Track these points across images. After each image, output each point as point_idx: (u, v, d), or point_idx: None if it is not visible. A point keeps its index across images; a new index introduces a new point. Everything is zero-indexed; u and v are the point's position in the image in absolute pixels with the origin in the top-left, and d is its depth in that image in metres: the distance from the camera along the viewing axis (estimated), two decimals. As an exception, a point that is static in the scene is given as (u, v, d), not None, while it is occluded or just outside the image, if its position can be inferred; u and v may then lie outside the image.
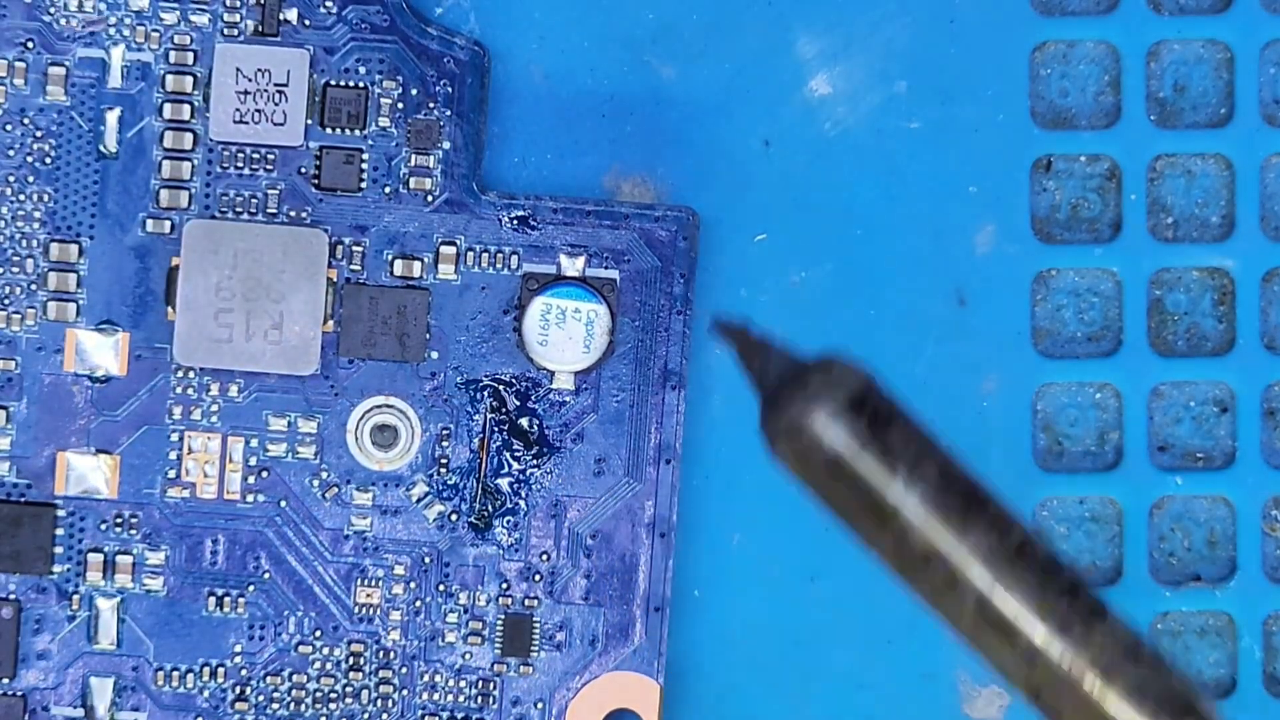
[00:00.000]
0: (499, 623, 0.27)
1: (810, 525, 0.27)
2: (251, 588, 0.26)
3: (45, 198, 0.26)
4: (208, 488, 0.26)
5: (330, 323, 0.27)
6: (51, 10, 0.26)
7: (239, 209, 0.27)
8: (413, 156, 0.27)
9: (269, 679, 0.27)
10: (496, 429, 0.27)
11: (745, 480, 0.28)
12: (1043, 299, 0.29)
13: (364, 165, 0.27)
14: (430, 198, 0.27)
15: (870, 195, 0.28)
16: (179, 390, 0.27)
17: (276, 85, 0.26)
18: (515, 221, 0.27)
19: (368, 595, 0.27)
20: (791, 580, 0.28)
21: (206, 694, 0.26)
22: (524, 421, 0.27)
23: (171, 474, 0.26)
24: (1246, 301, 0.29)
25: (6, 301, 0.26)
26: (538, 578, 0.27)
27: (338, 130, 0.27)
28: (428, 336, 0.27)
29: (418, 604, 0.27)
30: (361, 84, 0.27)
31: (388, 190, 0.27)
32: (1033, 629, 0.20)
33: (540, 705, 0.27)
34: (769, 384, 0.22)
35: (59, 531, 0.26)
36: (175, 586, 0.26)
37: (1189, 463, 0.29)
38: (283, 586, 0.27)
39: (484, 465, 0.27)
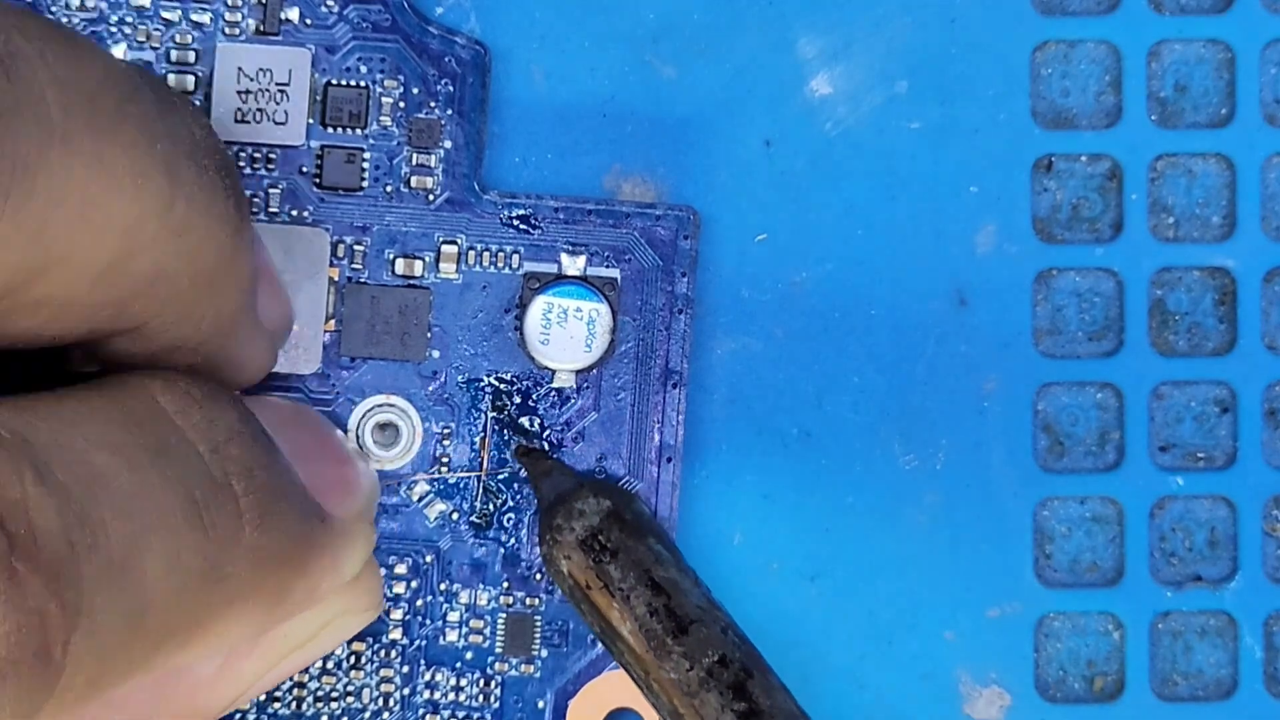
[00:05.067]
0: (500, 621, 0.28)
1: (811, 525, 0.29)
2: (252, 587, 0.28)
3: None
4: (209, 487, 0.27)
5: (332, 322, 0.27)
6: (53, 9, 0.27)
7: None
8: (414, 155, 0.27)
9: (269, 678, 0.26)
10: (498, 428, 0.28)
11: (746, 480, 0.29)
12: (1044, 299, 0.29)
13: (365, 164, 0.27)
14: (431, 197, 0.28)
15: (871, 195, 0.29)
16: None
17: (278, 84, 0.27)
18: (516, 220, 0.28)
19: (369, 594, 0.26)
20: (792, 580, 0.29)
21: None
22: (525, 420, 0.28)
23: (172, 474, 0.27)
24: (1248, 301, 0.29)
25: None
26: (539, 577, 0.28)
27: (339, 129, 0.27)
28: (429, 335, 0.27)
29: (419, 603, 0.28)
30: (363, 83, 0.27)
31: (389, 189, 0.27)
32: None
33: (541, 704, 0.28)
34: (542, 509, 0.25)
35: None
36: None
37: (1190, 463, 0.29)
38: (283, 586, 0.27)
39: (485, 464, 0.28)
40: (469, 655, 0.28)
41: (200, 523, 0.19)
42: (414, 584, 0.28)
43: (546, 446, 0.28)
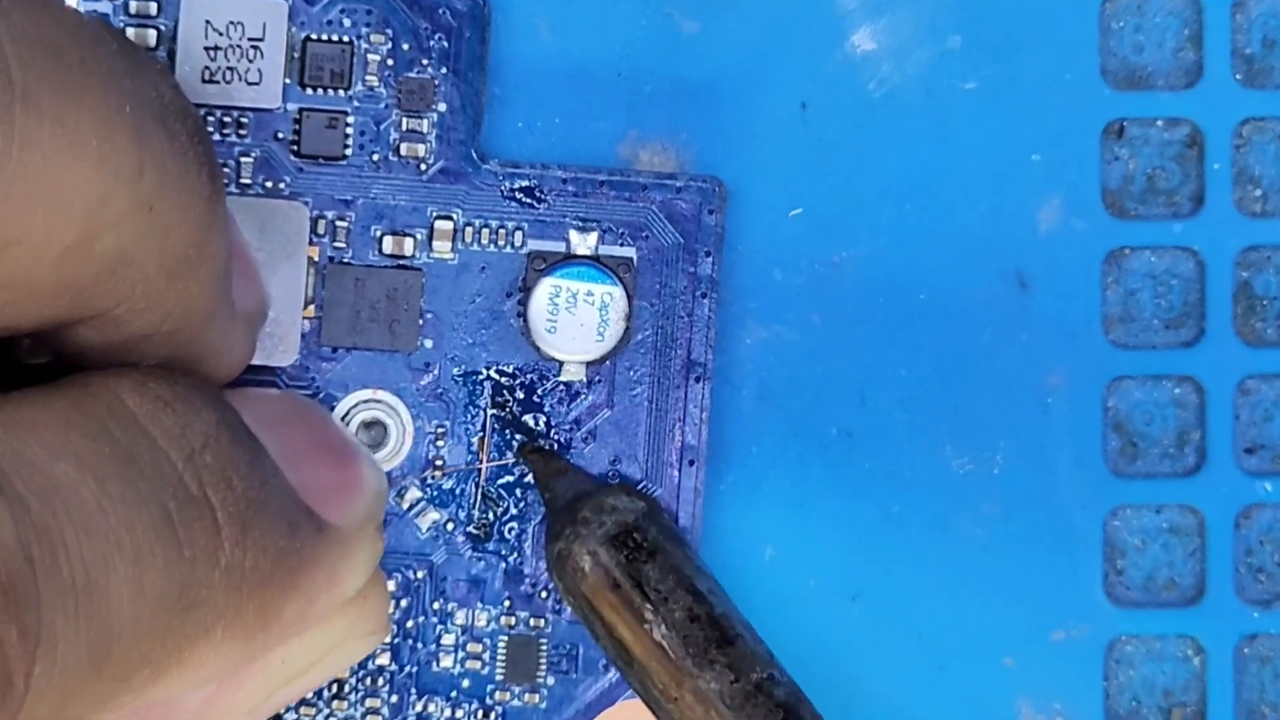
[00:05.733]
0: (501, 645, 0.27)
1: (852, 538, 0.28)
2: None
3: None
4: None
5: (311, 307, 0.26)
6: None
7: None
8: (404, 120, 0.26)
9: (241, 710, 0.25)
10: (498, 427, 0.27)
11: (779, 486, 0.28)
12: (1115, 282, 0.29)
13: (349, 130, 0.26)
14: (424, 166, 0.27)
15: (920, 164, 0.28)
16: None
17: (250, 40, 0.26)
18: (519, 193, 0.27)
19: (353, 614, 0.25)
20: (831, 600, 0.28)
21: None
22: (529, 418, 0.27)
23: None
24: (1345, 284, 0.28)
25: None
26: (545, 595, 0.27)
27: (319, 91, 0.27)
28: (421, 323, 0.27)
29: (410, 624, 0.27)
30: (346, 38, 0.26)
31: (376, 158, 0.26)
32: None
33: (548, 738, 0.27)
34: (555, 508, 0.25)
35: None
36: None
37: None
38: (257, 604, 0.27)
39: (484, 468, 0.27)
40: (466, 683, 0.27)
41: (173, 540, 0.19)
42: (404, 603, 0.27)
43: (554, 447, 0.27)
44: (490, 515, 0.27)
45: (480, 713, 0.27)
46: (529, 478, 0.27)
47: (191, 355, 0.22)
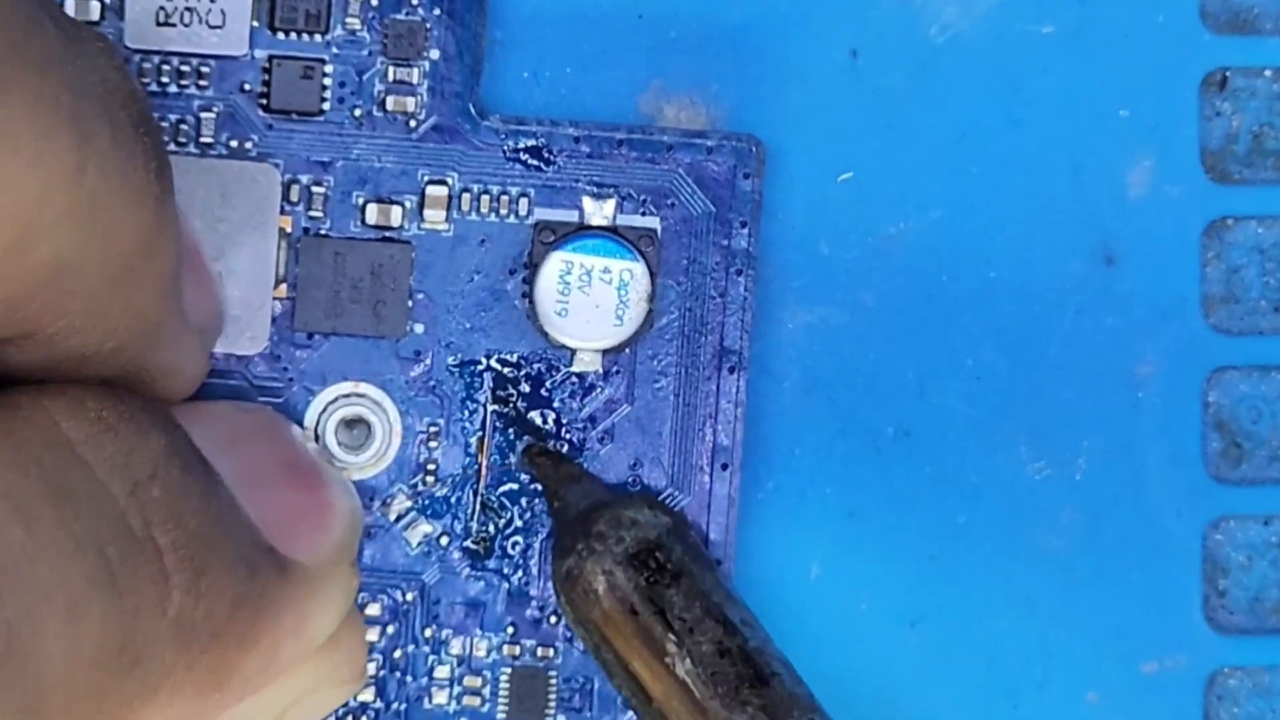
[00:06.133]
0: (504, 678, 0.27)
1: (911, 553, 0.28)
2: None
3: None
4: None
5: (283, 287, 0.26)
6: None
7: (164, 139, 0.25)
8: (390, 70, 0.26)
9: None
10: (501, 426, 0.26)
11: (826, 494, 0.28)
12: (1215, 257, 0.28)
13: (326, 81, 0.26)
14: (414, 123, 0.26)
15: (989, 122, 0.28)
16: (88, 374, 0.26)
17: None
18: (525, 154, 0.26)
19: (333, 643, 0.25)
20: (886, 625, 0.28)
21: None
22: (536, 416, 0.26)
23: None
24: None
25: None
26: (554, 620, 0.27)
27: (292, 35, 0.26)
28: (410, 305, 0.26)
29: (398, 654, 0.27)
30: None
31: (358, 113, 0.26)
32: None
33: (557, 786, 0.27)
34: (565, 520, 0.25)
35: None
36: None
37: None
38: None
39: (484, 473, 0.26)
40: (463, 723, 0.27)
41: (113, 590, 0.19)
42: (391, 630, 0.26)
43: (565, 449, 0.27)
44: (491, 528, 0.26)
45: (480, 757, 0.27)
46: (536, 484, 0.27)
47: (138, 374, 0.22)
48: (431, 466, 0.26)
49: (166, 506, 0.20)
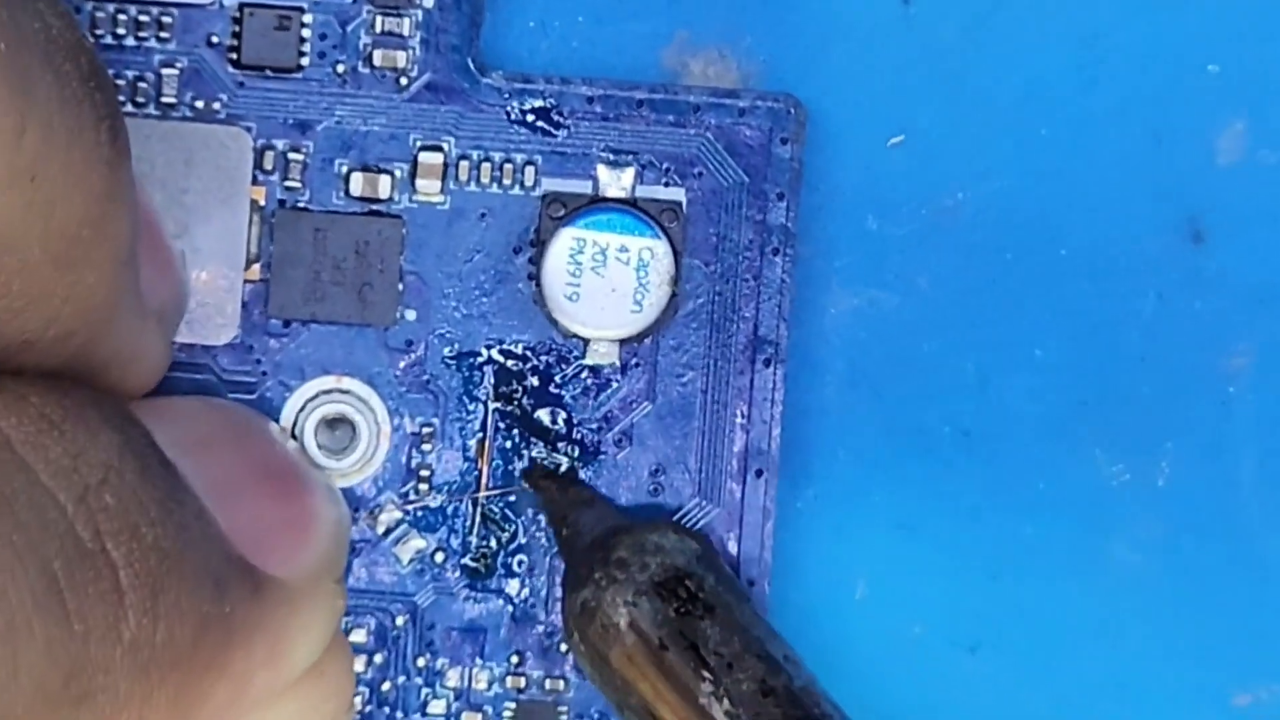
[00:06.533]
0: (507, 713, 0.26)
1: (971, 570, 0.27)
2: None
3: None
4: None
5: (255, 267, 0.26)
6: None
7: (118, 98, 0.24)
8: (378, 20, 0.26)
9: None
10: (504, 426, 0.26)
11: (874, 503, 0.27)
12: None
13: (305, 33, 0.26)
14: (405, 81, 0.26)
15: (1060, 78, 0.27)
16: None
17: None
18: (531, 116, 0.26)
19: (314, 672, 0.26)
20: (942, 651, 0.27)
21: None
22: (544, 415, 0.26)
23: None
24: None
25: None
26: (564, 648, 0.26)
27: None
28: (401, 288, 0.26)
29: (386, 686, 0.26)
30: None
31: (341, 70, 0.26)
32: None
33: (568, 836, 0.27)
34: (577, 548, 0.25)
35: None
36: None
37: None
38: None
39: (485, 480, 0.26)
40: (461, 764, 0.27)
41: (60, 610, 0.18)
42: (379, 659, 0.26)
43: (576, 452, 0.26)
44: (493, 542, 0.26)
45: (480, 803, 0.27)
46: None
47: (88, 365, 0.21)
48: (425, 473, 0.26)
49: (121, 515, 0.19)
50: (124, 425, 0.20)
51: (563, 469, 0.26)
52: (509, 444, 0.26)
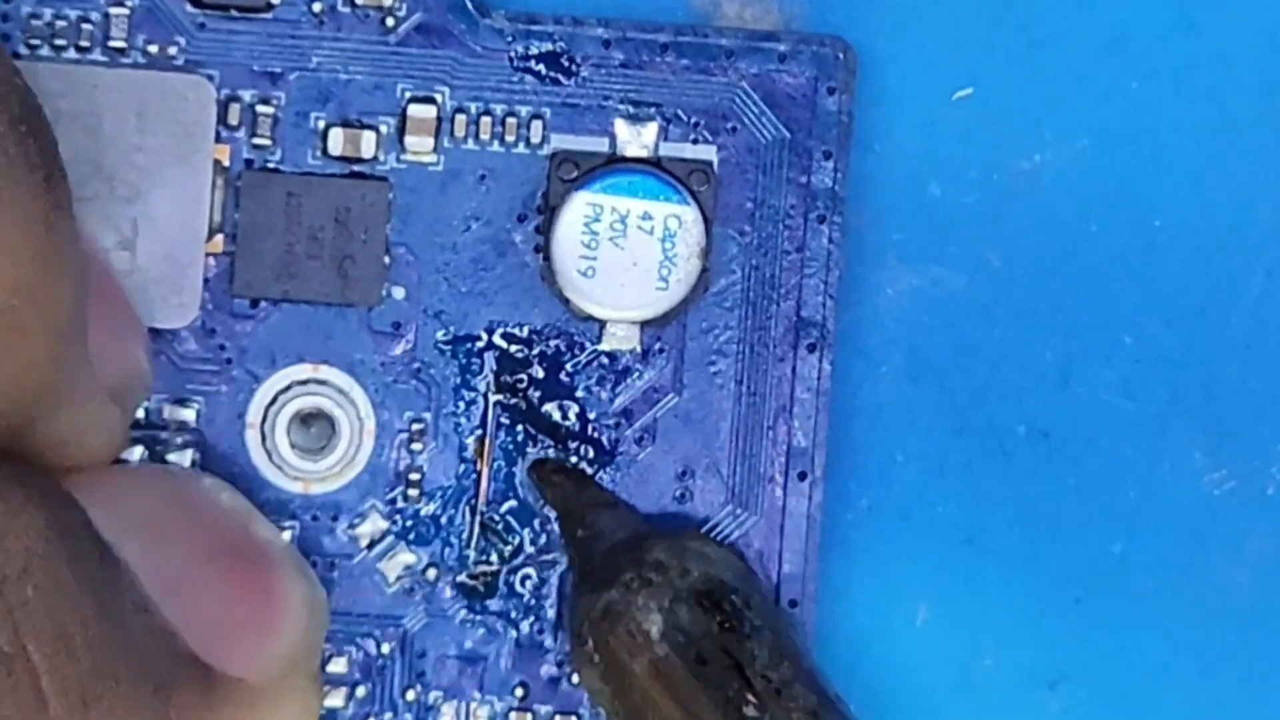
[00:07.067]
0: None
1: (1048, 595, 0.26)
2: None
3: None
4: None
5: (219, 239, 0.25)
6: None
7: (58, 41, 0.25)
8: None
9: None
10: (507, 422, 0.25)
11: (936, 514, 0.26)
12: None
13: None
14: (392, 21, 0.25)
15: (1154, 22, 0.26)
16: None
17: None
18: (539, 62, 0.25)
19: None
20: (1017, 685, 0.26)
21: None
22: (553, 409, 0.25)
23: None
24: None
25: None
26: (577, 680, 0.25)
27: None
28: (387, 261, 0.25)
29: None
30: None
31: (318, 8, 0.25)
32: None
33: None
34: (597, 550, 0.25)
35: None
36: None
37: None
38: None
39: (485, 484, 0.25)
40: (459, 813, 0.27)
41: None
42: (361, 692, 0.25)
43: (591, 453, 0.25)
44: (494, 557, 0.25)
45: None
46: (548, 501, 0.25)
47: (24, 447, 0.20)
48: (415, 476, 0.25)
49: (45, 612, 0.19)
50: (51, 503, 0.19)
51: (569, 464, 0.25)
52: (512, 443, 0.25)
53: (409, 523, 0.25)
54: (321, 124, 0.25)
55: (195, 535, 0.23)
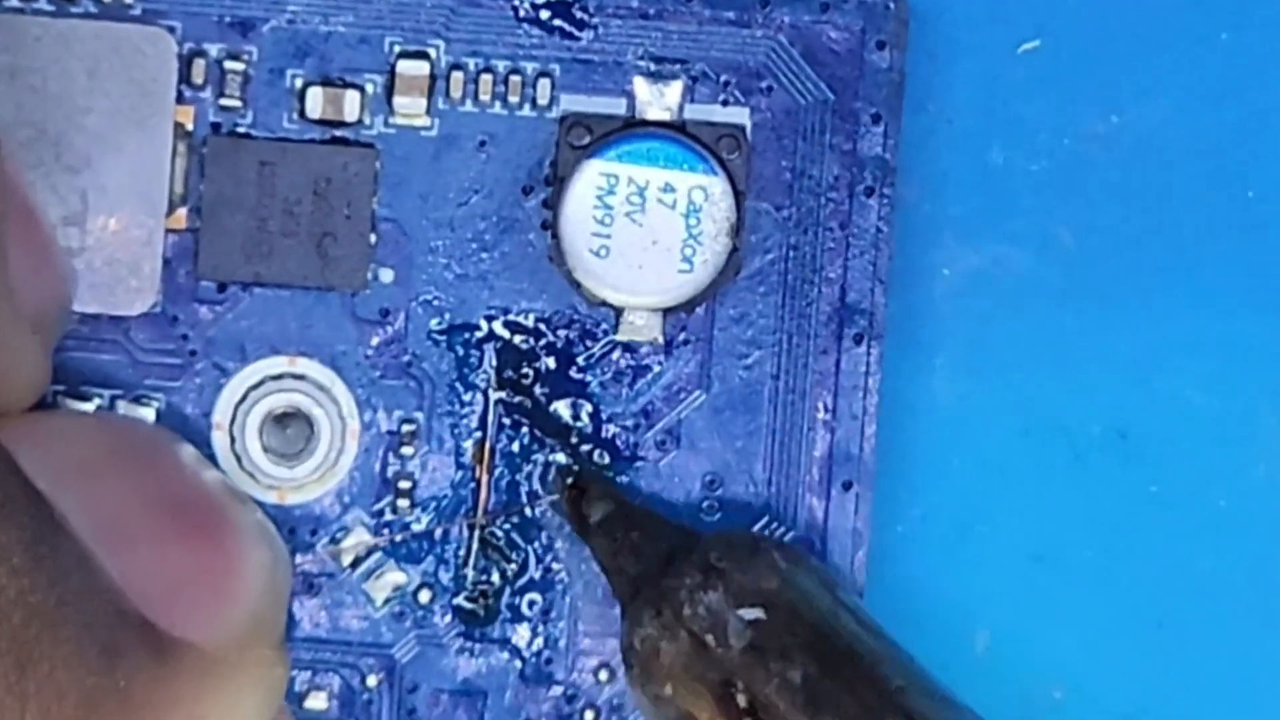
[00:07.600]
0: None
1: (1126, 617, 0.24)
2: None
3: None
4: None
5: (182, 213, 0.24)
6: None
7: None
8: None
9: None
10: (509, 423, 0.24)
11: (1000, 526, 0.25)
12: None
13: None
14: None
15: None
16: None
17: None
18: (546, 12, 0.24)
19: (264, 748, 0.25)
20: (1094, 718, 0.25)
21: None
22: (563, 408, 0.24)
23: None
24: None
25: None
26: (591, 716, 0.24)
27: None
28: (374, 239, 0.24)
29: None
30: None
31: None
32: None
33: None
34: (636, 573, 0.24)
35: None
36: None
37: None
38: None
39: (485, 494, 0.24)
40: None
41: None
42: None
43: (606, 459, 0.24)
44: (495, 577, 0.24)
45: None
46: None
47: None
48: (405, 485, 0.24)
49: None
50: None
51: (598, 470, 0.24)
52: (516, 447, 0.24)
53: (398, 538, 0.24)
54: (298, 82, 0.24)
55: (140, 486, 0.21)
